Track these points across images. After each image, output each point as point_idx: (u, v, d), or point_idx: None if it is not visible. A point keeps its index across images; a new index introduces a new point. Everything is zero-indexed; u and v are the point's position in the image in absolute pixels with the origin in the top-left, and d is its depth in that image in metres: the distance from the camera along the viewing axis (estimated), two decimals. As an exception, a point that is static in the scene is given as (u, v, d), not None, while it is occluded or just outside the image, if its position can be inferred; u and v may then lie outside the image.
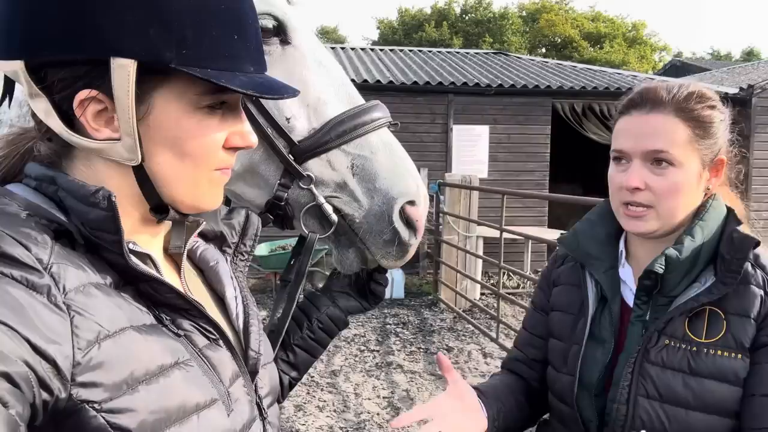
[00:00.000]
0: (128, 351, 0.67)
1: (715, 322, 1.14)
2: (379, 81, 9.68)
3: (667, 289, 1.19)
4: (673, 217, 1.18)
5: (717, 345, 1.13)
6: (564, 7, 36.17)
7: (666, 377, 1.14)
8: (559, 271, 1.43)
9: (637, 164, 1.17)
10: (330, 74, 1.24)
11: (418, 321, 7.29)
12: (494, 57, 13.73)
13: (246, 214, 1.02)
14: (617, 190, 1.21)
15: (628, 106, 1.21)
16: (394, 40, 32.77)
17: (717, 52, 42.29)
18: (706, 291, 1.15)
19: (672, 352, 1.15)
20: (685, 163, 1.15)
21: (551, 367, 1.36)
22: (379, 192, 1.19)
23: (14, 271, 0.62)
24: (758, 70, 13.51)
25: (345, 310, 1.26)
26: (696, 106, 1.16)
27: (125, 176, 0.75)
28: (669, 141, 1.15)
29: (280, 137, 1.15)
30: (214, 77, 0.70)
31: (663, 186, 1.15)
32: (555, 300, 1.40)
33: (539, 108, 10.19)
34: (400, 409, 4.80)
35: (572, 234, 1.37)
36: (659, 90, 1.19)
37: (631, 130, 1.19)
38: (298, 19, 1.22)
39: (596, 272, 1.29)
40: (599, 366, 1.23)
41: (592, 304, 1.28)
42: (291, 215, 1.21)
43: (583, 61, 27.48)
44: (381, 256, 1.22)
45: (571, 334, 1.31)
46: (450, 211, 7.60)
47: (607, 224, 1.33)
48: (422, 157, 9.59)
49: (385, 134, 1.23)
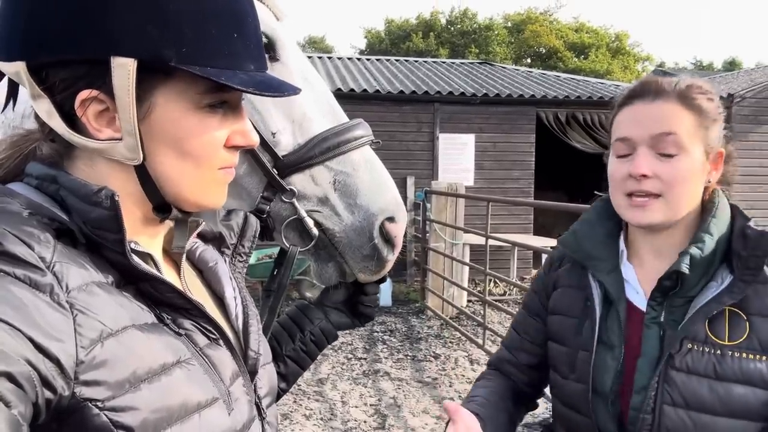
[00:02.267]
0: (131, 349, 0.67)
1: (737, 323, 1.11)
2: (366, 90, 9.71)
3: (686, 289, 1.15)
4: (679, 208, 1.15)
5: (741, 348, 1.09)
6: (548, 18, 36.54)
7: (692, 383, 1.10)
8: (558, 274, 1.39)
9: (643, 151, 1.14)
10: (315, 91, 1.26)
11: (405, 328, 7.29)
12: (480, 67, 13.84)
13: (245, 216, 1.02)
14: (622, 181, 1.17)
15: (630, 97, 1.19)
16: (381, 49, 32.89)
17: (700, 62, 42.88)
18: (727, 291, 1.11)
19: (696, 356, 1.11)
20: (690, 150, 1.13)
21: (555, 373, 1.31)
22: (359, 208, 1.21)
23: (17, 270, 0.61)
24: (738, 80, 13.73)
25: (336, 325, 1.28)
26: (698, 96, 1.15)
27: (127, 176, 0.75)
28: (676, 125, 1.13)
29: (265, 151, 1.17)
30: (214, 75, 0.70)
31: (671, 173, 1.12)
32: (555, 303, 1.36)
33: (524, 117, 10.30)
34: (387, 416, 4.79)
35: (571, 235, 1.33)
36: (660, 81, 1.18)
37: (637, 116, 1.16)
38: (286, 36, 1.25)
39: (600, 273, 1.25)
40: (611, 372, 1.18)
41: (598, 306, 1.24)
42: (272, 227, 1.23)
43: (567, 71, 27.74)
44: (359, 270, 1.24)
45: (574, 339, 1.26)
46: (436, 219, 7.63)
47: (605, 223, 1.31)
48: (409, 165, 9.65)
49: (368, 152, 1.26)
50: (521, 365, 1.42)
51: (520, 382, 1.43)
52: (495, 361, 1.49)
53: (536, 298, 1.43)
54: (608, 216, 1.30)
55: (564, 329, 1.31)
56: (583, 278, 1.30)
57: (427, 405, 5.05)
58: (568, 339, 1.29)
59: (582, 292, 1.29)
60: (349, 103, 1.56)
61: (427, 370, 5.90)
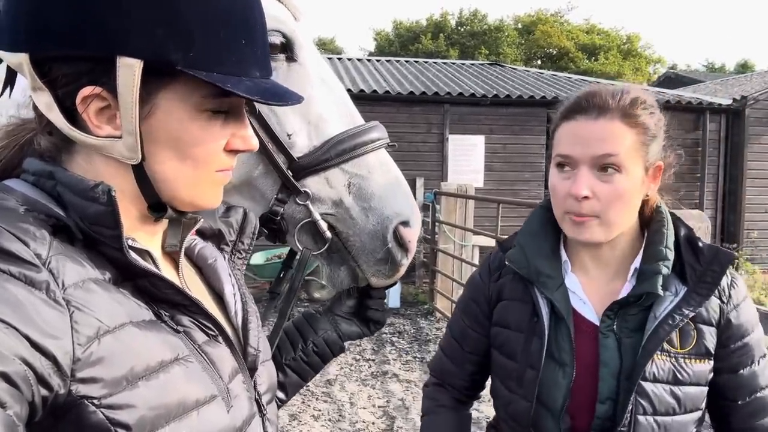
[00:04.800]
0: (128, 347, 0.67)
1: (686, 331, 1.18)
2: (376, 91, 9.72)
3: (645, 300, 1.19)
4: (617, 225, 1.17)
5: (692, 354, 1.18)
6: (559, 20, 36.43)
7: (658, 391, 1.15)
8: (499, 285, 1.35)
9: (584, 171, 1.15)
10: (332, 92, 1.25)
11: (413, 330, 7.28)
12: (490, 68, 13.81)
13: (244, 212, 1.02)
14: (563, 199, 1.18)
15: (573, 110, 1.19)
16: (390, 51, 32.91)
17: (711, 65, 42.57)
18: (683, 302, 1.16)
19: (659, 365, 1.16)
20: (630, 168, 1.14)
21: (501, 385, 1.31)
22: (374, 211, 1.20)
23: (12, 267, 0.61)
24: (751, 82, 13.61)
25: (347, 335, 1.25)
26: (641, 113, 1.16)
27: (124, 174, 0.75)
28: (618, 145, 1.13)
29: (280, 152, 1.16)
30: (219, 81, 0.70)
31: (609, 193, 1.14)
32: (500, 316, 1.33)
33: (534, 118, 10.25)
34: (396, 418, 4.77)
35: (519, 251, 1.30)
36: (605, 95, 1.17)
37: (579, 135, 1.16)
38: (304, 37, 1.23)
39: (548, 290, 1.24)
40: (563, 389, 1.19)
41: (546, 323, 1.22)
42: (285, 230, 1.22)
43: (578, 72, 27.64)
44: (372, 274, 1.22)
45: (523, 355, 1.25)
46: (446, 221, 7.61)
47: (548, 236, 1.30)
48: (418, 167, 9.63)
49: (383, 155, 1.25)
50: (466, 375, 1.43)
51: (462, 390, 1.45)
52: (438, 374, 1.48)
53: (475, 308, 1.39)
54: (551, 225, 1.30)
55: (511, 344, 1.29)
56: (526, 292, 1.28)
57: (435, 407, 5.02)
58: (515, 354, 1.27)
59: (527, 306, 1.27)
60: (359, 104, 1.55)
61: (435, 372, 5.86)
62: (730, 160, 11.00)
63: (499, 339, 1.32)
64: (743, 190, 10.85)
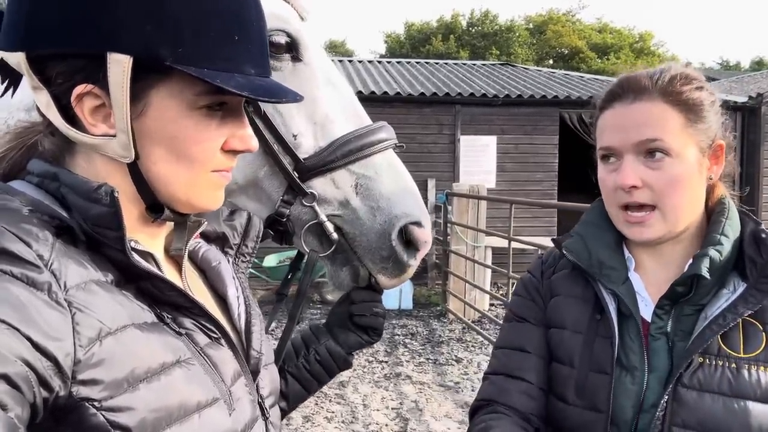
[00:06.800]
0: (129, 349, 0.66)
1: (753, 334, 1.02)
2: (387, 92, 9.72)
3: (698, 296, 1.05)
4: (679, 217, 1.05)
5: (759, 360, 1.00)
6: (571, 19, 36.25)
7: (704, 402, 0.99)
8: (554, 281, 1.22)
9: (629, 159, 1.05)
10: (339, 92, 1.24)
11: (426, 332, 7.26)
12: (501, 68, 13.76)
13: (248, 216, 1.01)
14: (612, 192, 1.08)
15: (609, 99, 1.10)
16: (401, 53, 32.92)
17: (726, 62, 42.16)
18: (741, 299, 1.02)
19: (709, 372, 1.00)
20: (680, 151, 1.03)
21: (555, 398, 1.15)
22: (381, 212, 1.19)
23: (14, 268, 0.61)
24: (767, 79, 13.44)
25: (346, 344, 1.21)
26: (683, 89, 1.05)
27: (123, 174, 0.75)
28: (661, 128, 1.03)
29: (286, 154, 1.15)
30: (209, 77, 0.70)
31: (662, 180, 1.03)
32: (553, 315, 1.19)
33: (547, 118, 10.19)
34: (409, 420, 4.76)
35: (578, 240, 1.18)
36: (640, 77, 1.07)
37: (617, 123, 1.07)
38: (310, 37, 1.22)
39: (613, 284, 1.11)
40: (633, 399, 1.05)
41: (615, 321, 1.09)
42: (291, 232, 1.21)
43: (590, 72, 27.45)
44: (377, 271, 1.21)
45: (583, 359, 1.11)
46: (458, 222, 7.58)
47: (612, 228, 1.16)
48: (429, 168, 9.61)
49: (390, 155, 1.24)
50: (533, 388, 1.16)
51: (529, 415, 1.14)
52: (488, 400, 1.19)
53: (533, 306, 1.23)
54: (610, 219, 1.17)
55: (568, 346, 1.14)
56: (587, 288, 1.16)
57: (449, 409, 5.01)
58: (571, 358, 1.13)
59: (586, 304, 1.15)
60: (370, 105, 1.55)
61: (449, 374, 5.85)
62: (746, 158, 10.87)
63: (552, 342, 1.18)
64: (760, 187, 10.71)
